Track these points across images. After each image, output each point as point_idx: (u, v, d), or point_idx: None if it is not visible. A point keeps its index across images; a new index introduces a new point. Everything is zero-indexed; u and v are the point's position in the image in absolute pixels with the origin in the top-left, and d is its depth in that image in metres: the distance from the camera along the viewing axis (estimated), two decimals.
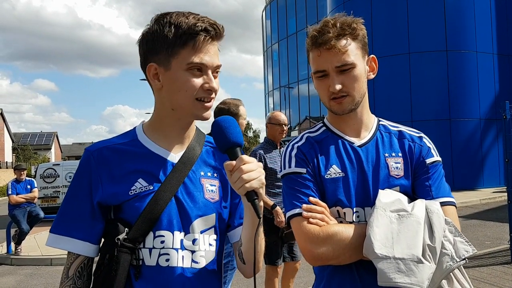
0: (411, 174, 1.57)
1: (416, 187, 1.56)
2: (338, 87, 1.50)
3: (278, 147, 4.62)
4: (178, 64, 1.30)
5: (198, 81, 1.30)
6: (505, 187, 7.27)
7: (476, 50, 18.40)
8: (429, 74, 18.26)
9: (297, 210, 1.49)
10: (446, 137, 17.85)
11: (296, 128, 32.71)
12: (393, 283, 1.31)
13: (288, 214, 1.52)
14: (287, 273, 4.71)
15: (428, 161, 1.58)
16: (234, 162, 1.21)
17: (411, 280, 1.30)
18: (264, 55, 39.32)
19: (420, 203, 1.45)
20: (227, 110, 4.21)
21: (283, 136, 4.65)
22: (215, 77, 1.35)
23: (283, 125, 4.58)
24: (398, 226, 1.38)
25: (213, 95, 1.34)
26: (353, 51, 1.52)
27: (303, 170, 1.54)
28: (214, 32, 1.30)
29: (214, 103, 1.43)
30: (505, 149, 7.03)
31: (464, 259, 1.37)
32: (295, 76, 32.53)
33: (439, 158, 1.61)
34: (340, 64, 1.49)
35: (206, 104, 1.33)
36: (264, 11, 38.04)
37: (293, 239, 4.32)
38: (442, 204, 1.49)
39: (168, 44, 1.29)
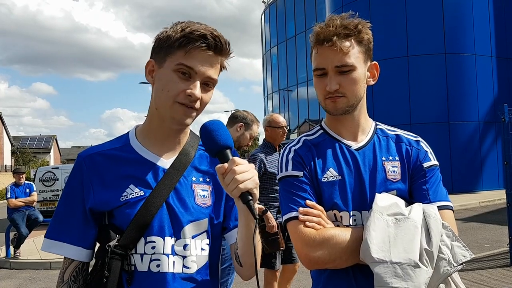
0: (408, 178, 1.56)
1: (413, 191, 1.56)
2: (335, 87, 1.49)
3: (278, 150, 4.61)
4: (170, 63, 1.30)
5: (182, 85, 1.29)
6: (504, 190, 7.27)
7: (474, 53, 18.43)
8: (428, 77, 18.29)
9: (293, 214, 1.48)
10: (445, 140, 17.87)
11: (295, 131, 32.72)
12: None
13: (285, 217, 1.51)
14: (285, 275, 4.69)
15: (426, 165, 1.58)
16: (226, 165, 1.20)
17: (408, 284, 1.30)
18: (263, 58, 39.37)
19: (417, 207, 1.44)
20: (242, 118, 4.20)
21: (284, 138, 4.65)
22: (206, 90, 1.33)
23: (284, 127, 4.56)
24: (395, 230, 1.37)
25: (196, 104, 1.31)
26: (355, 54, 1.51)
27: (300, 173, 1.54)
28: (214, 43, 1.29)
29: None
30: (504, 151, 7.04)
31: (462, 264, 1.37)
32: (294, 79, 32.56)
33: (436, 162, 1.61)
34: (340, 64, 1.49)
35: (186, 109, 1.31)
36: (263, 15, 38.10)
37: (276, 248, 4.31)
38: (440, 208, 1.49)
39: (169, 44, 1.30)
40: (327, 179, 1.53)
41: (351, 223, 1.49)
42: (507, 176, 6.94)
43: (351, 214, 1.50)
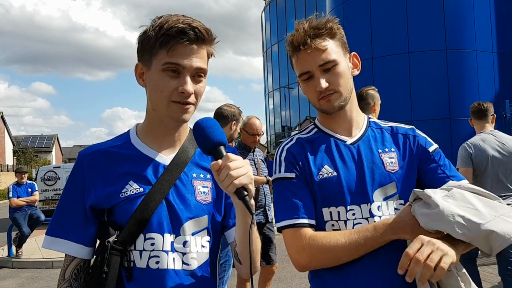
0: (407, 166, 1.56)
1: (429, 177, 1.56)
2: (325, 85, 1.50)
3: (252, 151, 4.52)
4: (157, 64, 1.30)
5: (173, 83, 1.29)
6: None
7: (475, 49, 18.38)
8: (428, 73, 18.26)
9: (288, 222, 1.49)
10: (447, 136, 17.84)
11: (296, 129, 32.70)
12: None
13: (280, 224, 1.52)
14: (263, 277, 4.65)
15: (430, 149, 1.60)
16: (220, 161, 1.20)
17: None
18: (263, 56, 39.34)
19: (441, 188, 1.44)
20: (232, 115, 4.10)
21: (255, 145, 4.56)
22: (198, 81, 1.33)
23: (256, 135, 4.44)
24: (456, 201, 1.32)
25: (190, 99, 1.31)
26: (333, 49, 1.52)
27: (292, 175, 1.54)
28: (194, 35, 1.28)
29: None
30: None
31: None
32: (295, 77, 32.18)
33: (437, 145, 1.64)
34: (323, 62, 1.50)
35: (183, 107, 1.32)
36: (264, 12, 38.06)
37: (269, 241, 4.38)
38: None
39: (151, 45, 1.30)
40: (322, 176, 1.53)
41: (348, 218, 1.49)
42: None
43: (348, 209, 1.49)
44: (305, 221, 1.48)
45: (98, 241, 1.39)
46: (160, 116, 1.36)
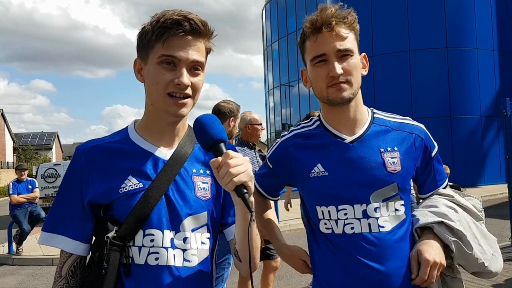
0: (408, 167, 1.56)
1: (423, 178, 1.64)
2: (340, 71, 1.45)
3: (253, 148, 4.55)
4: (153, 57, 1.30)
5: (169, 76, 1.28)
6: (506, 184, 7.26)
7: (476, 47, 18.35)
8: (429, 71, 18.23)
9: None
10: (447, 134, 17.83)
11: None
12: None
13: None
14: (266, 271, 4.61)
15: (433, 153, 1.62)
16: (220, 158, 1.19)
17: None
18: (264, 54, 39.27)
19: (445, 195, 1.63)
20: (230, 112, 4.11)
21: (261, 136, 4.66)
22: (195, 75, 1.32)
23: (262, 125, 4.59)
24: (465, 230, 1.51)
25: (187, 91, 1.30)
26: (351, 41, 1.50)
27: (271, 166, 1.73)
28: (189, 27, 1.27)
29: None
30: (506, 145, 7.03)
31: None
32: (295, 75, 32.49)
33: (436, 144, 1.66)
34: (343, 48, 1.47)
35: (179, 101, 1.31)
36: (264, 10, 37.99)
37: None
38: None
39: (148, 38, 1.30)
40: (314, 174, 1.53)
41: (339, 217, 1.49)
42: (509, 170, 6.94)
43: (338, 209, 1.48)
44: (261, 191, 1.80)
45: (94, 238, 1.37)
46: (158, 110, 1.35)
